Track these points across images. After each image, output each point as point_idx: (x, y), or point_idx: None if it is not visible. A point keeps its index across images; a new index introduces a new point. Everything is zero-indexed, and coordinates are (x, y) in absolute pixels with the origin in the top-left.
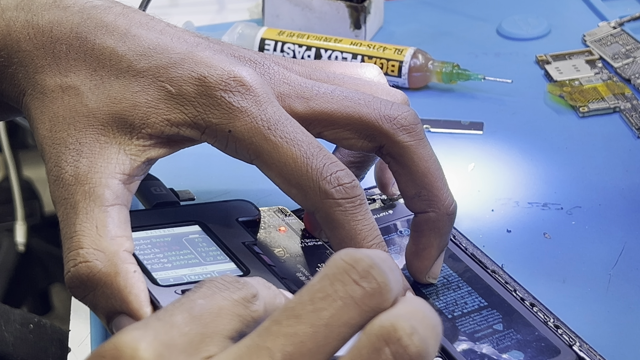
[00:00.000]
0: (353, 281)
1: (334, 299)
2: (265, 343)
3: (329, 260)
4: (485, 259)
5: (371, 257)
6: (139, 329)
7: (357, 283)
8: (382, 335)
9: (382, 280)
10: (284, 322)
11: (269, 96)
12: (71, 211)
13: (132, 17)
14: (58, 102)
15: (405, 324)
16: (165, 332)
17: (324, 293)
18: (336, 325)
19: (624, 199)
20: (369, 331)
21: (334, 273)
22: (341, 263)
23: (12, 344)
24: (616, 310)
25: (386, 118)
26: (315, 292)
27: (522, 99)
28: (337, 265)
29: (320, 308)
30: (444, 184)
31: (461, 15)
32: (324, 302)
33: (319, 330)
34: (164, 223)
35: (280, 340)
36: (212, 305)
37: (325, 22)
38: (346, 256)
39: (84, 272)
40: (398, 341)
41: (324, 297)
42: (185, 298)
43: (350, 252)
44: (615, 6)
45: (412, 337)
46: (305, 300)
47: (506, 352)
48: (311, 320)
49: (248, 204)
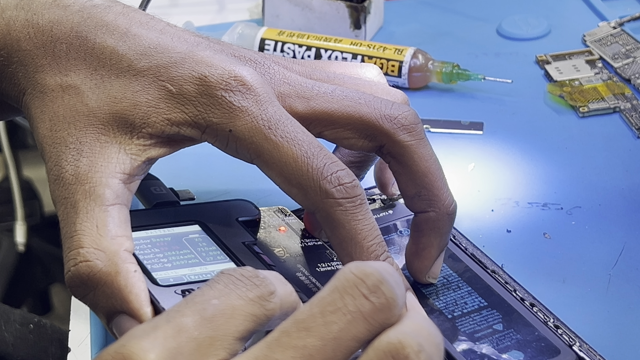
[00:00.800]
0: (363, 295)
1: (343, 313)
2: (274, 354)
3: (340, 272)
4: (485, 259)
5: (380, 272)
6: (147, 337)
7: (366, 298)
8: (390, 352)
9: (391, 296)
10: (293, 334)
11: (269, 96)
12: (71, 210)
13: (132, 17)
14: (58, 102)
15: (412, 342)
16: (174, 338)
17: (334, 306)
18: (345, 339)
19: (624, 199)
20: (377, 347)
21: (344, 286)
22: (351, 276)
23: (12, 344)
24: (616, 310)
25: (387, 117)
26: (326, 305)
27: (522, 99)
28: (348, 278)
29: (330, 322)
30: (444, 183)
31: (461, 15)
32: (333, 316)
33: (328, 343)
34: (163, 223)
35: (289, 352)
36: (226, 306)
37: (325, 22)
38: (356, 270)
39: (85, 272)
40: (406, 358)
41: (334, 310)
42: (199, 296)
43: (361, 266)
44: (615, 6)
45: (420, 355)
46: (315, 313)
47: (506, 352)
48: (321, 333)
49: (248, 204)
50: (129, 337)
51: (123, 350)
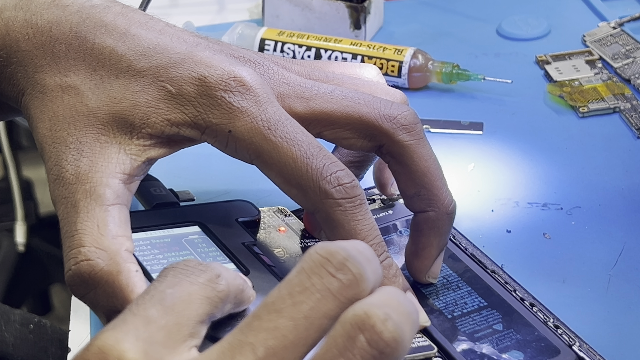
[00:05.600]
0: (329, 274)
1: (311, 292)
2: (247, 338)
3: (305, 255)
4: (485, 259)
5: (346, 249)
6: (118, 329)
7: (333, 275)
8: (355, 323)
9: (358, 272)
10: (264, 317)
11: (269, 96)
12: (72, 210)
13: (132, 17)
14: (58, 102)
15: (378, 311)
16: (144, 328)
17: (302, 287)
18: (316, 317)
19: (623, 199)
20: (343, 320)
21: (311, 267)
22: (317, 257)
23: (12, 344)
24: (616, 310)
25: (386, 117)
26: (294, 286)
27: (522, 99)
28: (313, 259)
29: (299, 301)
30: (443, 183)
31: (461, 15)
32: (302, 296)
33: (300, 323)
34: (163, 224)
35: (262, 334)
36: (182, 293)
37: (325, 22)
38: (321, 250)
39: (86, 270)
40: (372, 327)
41: (302, 290)
42: (153, 289)
43: (326, 246)
44: (615, 6)
45: (386, 323)
46: (284, 295)
47: (506, 352)
48: (291, 313)
49: (248, 204)
50: (102, 332)
51: (99, 344)
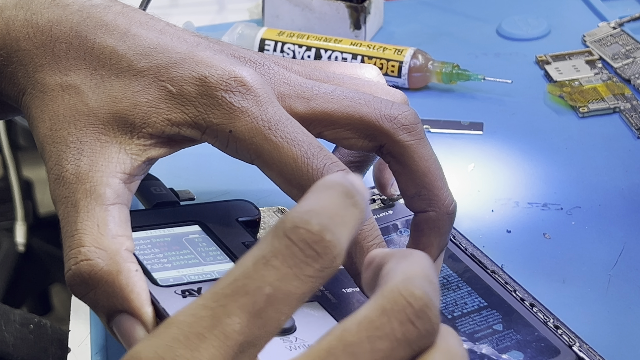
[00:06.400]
0: (409, 321)
1: (390, 340)
2: None
3: (388, 291)
4: (485, 259)
5: (428, 295)
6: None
7: (413, 323)
8: None
9: (436, 322)
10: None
11: (269, 96)
12: (72, 209)
13: (132, 16)
14: (58, 101)
15: None
16: None
17: (382, 332)
18: None
19: (623, 199)
20: None
21: (393, 309)
22: (400, 299)
23: (12, 344)
24: (616, 311)
25: (386, 117)
26: (374, 330)
27: (522, 99)
28: (396, 300)
29: (378, 349)
30: (444, 183)
31: (461, 15)
32: (381, 342)
33: None
34: (163, 223)
35: None
36: None
37: (325, 22)
38: (405, 291)
39: (86, 270)
40: None
41: (382, 336)
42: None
43: (410, 287)
44: (615, 6)
45: None
46: (363, 338)
47: (506, 353)
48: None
49: (248, 204)
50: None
51: None
